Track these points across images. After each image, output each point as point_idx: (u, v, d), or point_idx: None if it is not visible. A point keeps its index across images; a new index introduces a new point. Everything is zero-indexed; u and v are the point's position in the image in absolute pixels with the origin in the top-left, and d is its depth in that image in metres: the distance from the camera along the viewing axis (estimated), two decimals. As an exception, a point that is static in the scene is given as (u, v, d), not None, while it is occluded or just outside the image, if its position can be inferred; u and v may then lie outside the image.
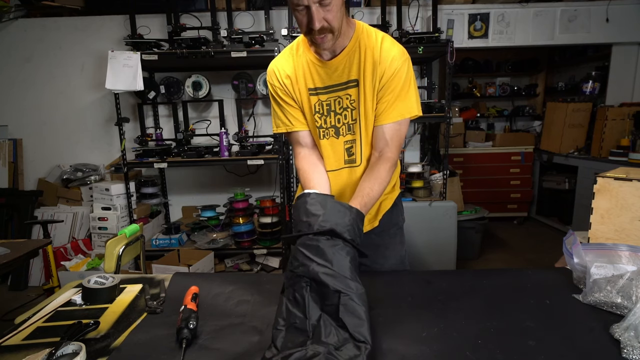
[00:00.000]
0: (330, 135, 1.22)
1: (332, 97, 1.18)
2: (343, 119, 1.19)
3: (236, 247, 3.25)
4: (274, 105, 1.26)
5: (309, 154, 1.25)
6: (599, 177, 1.21)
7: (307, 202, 0.97)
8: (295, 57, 1.19)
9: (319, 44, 1.07)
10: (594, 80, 4.05)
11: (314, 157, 1.25)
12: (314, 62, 1.16)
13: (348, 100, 1.17)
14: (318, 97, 1.19)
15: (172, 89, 3.41)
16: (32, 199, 3.31)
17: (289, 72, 1.19)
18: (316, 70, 1.16)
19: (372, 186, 1.11)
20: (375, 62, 1.12)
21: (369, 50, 1.12)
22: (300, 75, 1.18)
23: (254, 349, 0.82)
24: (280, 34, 3.09)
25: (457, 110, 4.55)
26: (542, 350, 0.79)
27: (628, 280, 0.92)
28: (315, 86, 1.18)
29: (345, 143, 1.22)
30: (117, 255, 1.72)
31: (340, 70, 1.15)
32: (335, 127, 1.21)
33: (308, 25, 1.01)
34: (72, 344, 0.80)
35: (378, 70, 1.12)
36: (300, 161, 1.24)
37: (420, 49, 3.01)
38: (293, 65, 1.19)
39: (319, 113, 1.20)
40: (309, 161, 1.23)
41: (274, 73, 1.21)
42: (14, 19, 3.44)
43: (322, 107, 1.19)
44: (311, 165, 1.22)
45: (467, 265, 3.42)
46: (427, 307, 0.99)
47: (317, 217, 0.92)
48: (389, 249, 1.35)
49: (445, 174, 3.19)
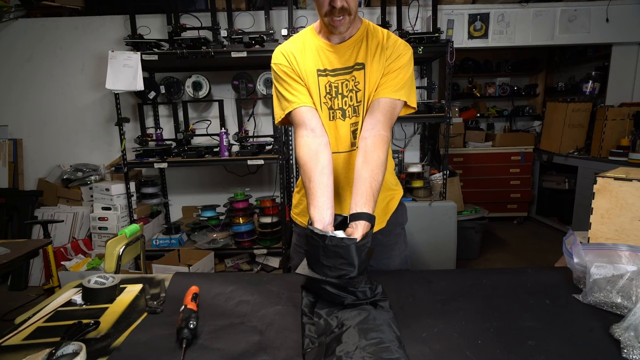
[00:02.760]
0: (337, 117, 1.23)
1: (340, 80, 1.20)
2: (349, 100, 1.21)
3: (236, 247, 3.25)
4: (278, 87, 1.22)
5: (311, 139, 1.15)
6: (599, 177, 1.21)
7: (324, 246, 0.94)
8: (305, 42, 1.22)
9: (336, 26, 1.12)
10: (594, 80, 4.05)
11: (316, 143, 1.14)
12: (322, 47, 1.20)
13: (353, 82, 1.20)
14: (328, 79, 1.21)
15: (172, 89, 3.41)
16: (32, 199, 3.31)
17: (298, 52, 1.21)
18: (325, 54, 1.20)
19: (374, 176, 1.06)
20: (382, 49, 1.19)
21: (376, 39, 1.20)
22: (309, 56, 1.21)
23: (254, 349, 0.82)
24: (280, 34, 3.09)
25: (457, 110, 4.55)
26: (542, 350, 0.79)
27: (628, 280, 0.92)
28: (324, 67, 1.20)
29: (351, 125, 1.23)
30: (117, 255, 1.72)
31: (348, 54, 1.19)
32: (342, 109, 1.22)
33: (330, 3, 1.06)
34: (72, 344, 0.80)
35: (384, 54, 1.18)
36: (302, 148, 1.14)
37: (420, 49, 3.01)
38: (302, 47, 1.22)
39: (330, 94, 1.21)
40: (311, 149, 1.13)
41: (281, 53, 1.22)
42: (14, 19, 3.44)
43: (331, 88, 1.21)
44: (313, 157, 1.12)
45: (467, 265, 3.42)
46: (427, 307, 0.99)
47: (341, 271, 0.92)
48: (394, 249, 1.35)
49: (445, 174, 3.19)
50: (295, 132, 1.20)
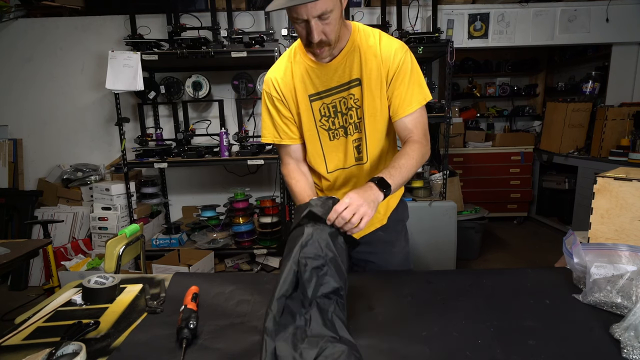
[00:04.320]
0: (340, 136, 1.23)
1: (336, 99, 1.19)
2: (349, 118, 1.21)
3: (236, 247, 3.25)
4: (265, 115, 1.27)
5: (297, 167, 1.30)
6: (599, 177, 1.21)
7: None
8: (294, 65, 1.20)
9: (317, 55, 1.11)
10: (594, 80, 4.05)
11: (303, 169, 1.31)
12: (312, 67, 1.17)
13: (352, 100, 1.18)
14: (322, 101, 1.20)
15: (172, 89, 3.41)
16: (32, 199, 3.31)
17: (288, 81, 1.20)
18: (315, 75, 1.17)
19: (397, 160, 1.09)
20: (378, 60, 1.14)
21: (370, 50, 1.14)
22: (300, 83, 1.19)
23: (254, 349, 0.82)
24: (280, 34, 3.10)
25: (457, 110, 4.55)
26: (542, 350, 0.79)
27: (628, 280, 0.92)
28: (317, 91, 1.18)
29: (354, 142, 1.24)
30: (117, 255, 1.72)
31: (340, 71, 1.16)
32: (343, 127, 1.22)
33: (307, 37, 1.03)
34: (72, 344, 0.80)
35: (382, 68, 1.14)
36: (292, 171, 1.29)
37: (420, 49, 3.01)
38: (292, 73, 1.19)
39: (326, 116, 1.21)
40: (300, 172, 1.29)
41: (272, 83, 1.22)
42: (14, 19, 3.44)
43: (328, 110, 1.20)
44: (302, 177, 1.28)
45: (467, 265, 3.42)
46: (427, 307, 0.99)
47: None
48: (395, 245, 1.36)
49: (445, 174, 3.19)
50: (281, 157, 1.34)
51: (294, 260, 0.86)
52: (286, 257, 0.88)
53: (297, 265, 0.85)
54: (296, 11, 0.97)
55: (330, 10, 0.98)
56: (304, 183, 1.27)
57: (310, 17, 0.98)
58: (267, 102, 1.25)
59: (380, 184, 1.00)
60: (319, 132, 1.23)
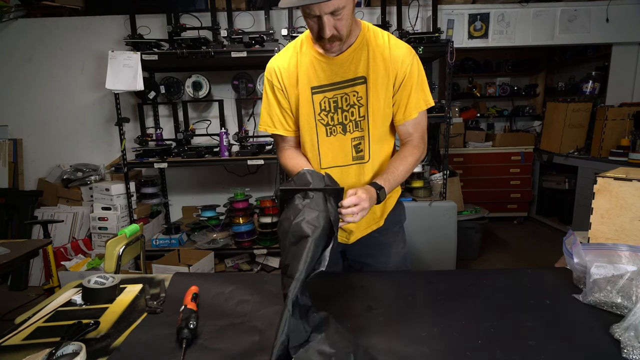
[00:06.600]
0: (337, 132, 1.22)
1: (338, 94, 1.19)
2: (350, 115, 1.20)
3: (236, 247, 3.25)
4: (264, 102, 1.28)
5: (293, 149, 1.32)
6: (599, 177, 1.21)
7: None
8: (300, 55, 1.19)
9: (327, 50, 1.12)
10: (594, 80, 4.05)
11: (300, 151, 1.31)
12: (318, 59, 1.17)
13: (355, 97, 1.18)
14: (324, 95, 1.19)
15: (172, 89, 3.41)
16: (32, 199, 3.31)
17: (291, 71, 1.19)
18: (321, 67, 1.17)
19: (396, 166, 1.19)
20: (386, 61, 1.15)
21: (378, 49, 1.16)
22: (304, 74, 1.18)
23: (254, 349, 0.82)
24: (280, 34, 3.09)
25: (457, 110, 4.55)
26: (542, 350, 0.79)
27: (628, 280, 0.92)
28: (320, 84, 1.18)
29: (352, 140, 1.22)
30: (117, 255, 1.72)
31: (346, 66, 1.16)
32: (342, 123, 1.21)
33: (319, 32, 1.04)
34: (72, 344, 0.80)
35: (391, 70, 1.16)
36: (287, 151, 1.30)
37: (420, 49, 3.01)
38: (296, 64, 1.19)
39: (325, 111, 1.20)
40: (296, 151, 1.31)
41: (274, 71, 1.22)
42: (14, 19, 3.44)
43: (328, 105, 1.20)
44: (298, 154, 1.29)
45: (467, 265, 3.42)
46: (427, 307, 0.99)
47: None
48: (392, 247, 1.35)
49: (445, 174, 3.19)
50: (276, 143, 1.37)
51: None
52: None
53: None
54: (309, 7, 0.99)
55: (342, 7, 1.00)
56: (300, 159, 1.27)
57: (323, 13, 0.99)
58: (267, 90, 1.26)
59: (379, 192, 1.10)
60: (317, 125, 1.22)
